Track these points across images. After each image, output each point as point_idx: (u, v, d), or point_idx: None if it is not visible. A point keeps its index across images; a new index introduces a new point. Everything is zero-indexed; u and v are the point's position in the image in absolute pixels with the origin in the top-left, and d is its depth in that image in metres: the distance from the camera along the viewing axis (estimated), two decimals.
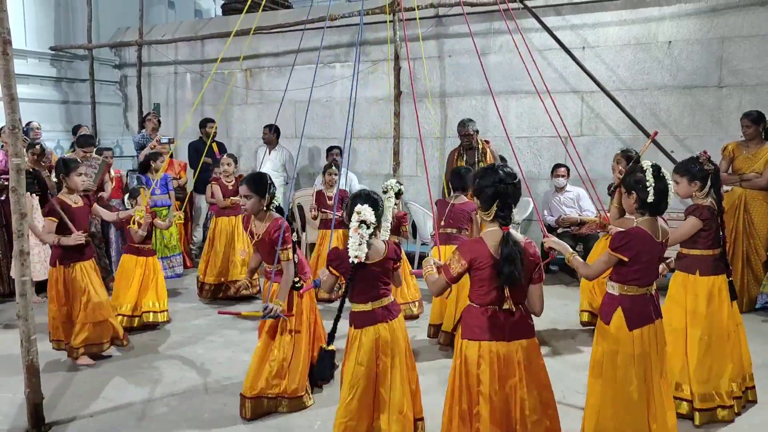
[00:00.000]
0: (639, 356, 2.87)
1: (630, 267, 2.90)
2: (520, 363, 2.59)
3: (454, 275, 2.66)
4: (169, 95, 9.66)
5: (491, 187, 2.60)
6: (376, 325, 2.94)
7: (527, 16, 7.06)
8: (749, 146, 5.59)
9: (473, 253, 2.61)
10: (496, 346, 2.59)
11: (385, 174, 8.08)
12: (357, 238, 2.80)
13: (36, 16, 8.99)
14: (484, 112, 7.59)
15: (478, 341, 2.61)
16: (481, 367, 2.58)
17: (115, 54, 9.99)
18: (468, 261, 2.61)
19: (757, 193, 5.53)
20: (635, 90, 6.87)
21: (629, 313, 2.90)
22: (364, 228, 2.81)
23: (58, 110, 9.29)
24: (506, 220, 2.61)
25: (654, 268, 2.97)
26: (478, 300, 2.66)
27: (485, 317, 2.62)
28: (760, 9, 6.30)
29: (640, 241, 2.88)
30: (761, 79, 6.33)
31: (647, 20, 6.78)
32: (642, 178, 2.93)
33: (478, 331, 2.62)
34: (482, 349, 2.60)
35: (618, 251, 2.89)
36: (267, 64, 8.87)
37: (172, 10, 11.26)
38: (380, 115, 8.17)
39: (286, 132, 8.63)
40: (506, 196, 2.60)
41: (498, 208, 2.60)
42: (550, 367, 2.77)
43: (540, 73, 5.43)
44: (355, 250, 2.80)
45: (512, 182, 2.61)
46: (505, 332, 2.60)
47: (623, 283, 2.93)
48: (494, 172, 2.62)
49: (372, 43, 8.07)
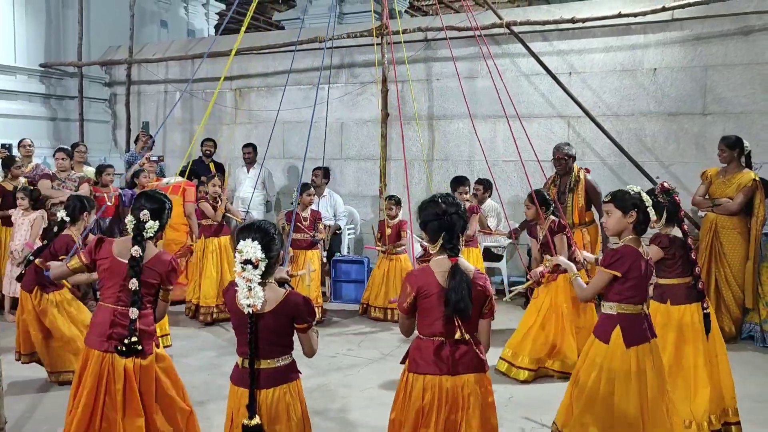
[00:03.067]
0: (635, 374, 2.95)
1: (624, 284, 2.98)
2: (466, 398, 2.52)
3: (405, 306, 2.58)
4: (159, 114, 9.65)
5: (435, 221, 2.57)
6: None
7: (515, 42, 7.13)
8: (726, 172, 5.58)
9: (419, 281, 2.55)
10: (440, 380, 2.52)
11: (372, 196, 8.07)
12: (243, 284, 2.39)
13: (26, 33, 9.00)
14: (471, 135, 7.60)
15: (423, 374, 2.54)
16: (425, 399, 2.52)
17: (105, 72, 10.01)
18: (415, 290, 2.54)
19: (728, 221, 5.46)
20: (621, 116, 6.92)
21: (627, 331, 2.98)
22: (250, 269, 2.39)
23: (46, 127, 9.26)
24: (454, 251, 2.55)
25: (644, 286, 3.05)
26: (424, 331, 2.58)
27: (431, 349, 2.54)
28: (742, 38, 6.38)
29: (630, 257, 2.97)
30: (745, 107, 6.39)
31: (633, 47, 6.85)
32: (640, 199, 3.03)
33: (423, 363, 2.55)
34: (427, 383, 2.53)
35: (611, 267, 2.98)
36: (256, 84, 8.90)
37: (165, 29, 11.31)
38: (368, 137, 8.19)
39: (273, 152, 8.61)
40: (452, 228, 2.56)
41: (444, 240, 2.56)
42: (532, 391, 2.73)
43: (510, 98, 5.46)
44: (245, 297, 2.38)
45: (456, 212, 2.56)
46: (451, 365, 2.52)
47: (619, 302, 3.01)
48: (436, 204, 2.59)
49: (360, 65, 8.11)
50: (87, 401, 2.86)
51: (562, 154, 5.83)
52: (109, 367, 2.88)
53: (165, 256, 3.07)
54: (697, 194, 5.73)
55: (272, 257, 2.47)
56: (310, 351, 2.59)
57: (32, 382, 4.36)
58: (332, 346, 5.34)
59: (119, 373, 2.87)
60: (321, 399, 4.21)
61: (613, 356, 2.99)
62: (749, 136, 6.14)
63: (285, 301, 2.47)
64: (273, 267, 2.51)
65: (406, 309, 2.58)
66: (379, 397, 4.17)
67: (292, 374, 2.55)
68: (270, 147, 8.42)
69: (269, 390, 2.46)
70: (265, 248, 2.42)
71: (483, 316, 2.59)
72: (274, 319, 2.46)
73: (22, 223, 5.89)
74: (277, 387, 2.48)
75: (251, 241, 2.40)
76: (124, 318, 2.90)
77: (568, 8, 7.28)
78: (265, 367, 2.47)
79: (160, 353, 3.04)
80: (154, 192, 3.14)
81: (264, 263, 2.41)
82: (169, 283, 3.04)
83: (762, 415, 3.97)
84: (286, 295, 2.48)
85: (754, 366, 4.89)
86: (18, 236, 5.87)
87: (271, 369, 2.48)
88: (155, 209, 3.00)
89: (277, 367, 2.49)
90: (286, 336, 2.53)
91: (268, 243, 2.44)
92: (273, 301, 2.45)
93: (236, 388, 2.51)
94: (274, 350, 2.49)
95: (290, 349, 2.56)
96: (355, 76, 8.19)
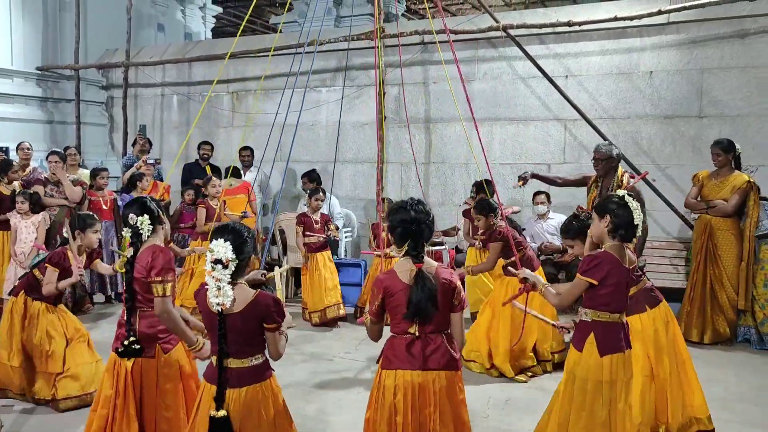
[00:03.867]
0: (607, 383, 2.88)
1: (599, 291, 2.89)
2: (436, 393, 2.58)
3: (374, 309, 2.66)
4: (156, 117, 9.65)
5: (401, 227, 2.63)
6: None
7: (511, 45, 7.14)
8: (718, 174, 5.60)
9: (385, 282, 2.63)
10: (411, 375, 2.58)
11: (369, 199, 8.07)
12: (212, 283, 2.44)
13: (23, 36, 8.99)
14: (468, 138, 7.61)
15: (395, 370, 2.61)
16: (397, 396, 2.57)
17: (102, 75, 10.00)
18: (382, 292, 2.62)
19: (723, 222, 5.49)
20: (617, 119, 6.93)
21: (601, 338, 2.90)
22: (220, 268, 2.43)
23: (43, 130, 9.25)
24: (418, 258, 2.61)
25: (623, 295, 2.96)
26: (395, 329, 2.67)
27: (403, 346, 2.61)
28: (738, 41, 6.40)
29: (608, 264, 2.87)
30: (740, 110, 6.40)
31: (629, 50, 6.87)
32: (618, 204, 2.93)
33: (395, 360, 2.62)
34: (398, 378, 2.59)
35: (586, 275, 2.89)
36: (253, 87, 8.90)
37: (162, 33, 11.31)
38: (365, 140, 8.19)
39: (270, 155, 8.61)
40: (418, 236, 2.61)
41: (410, 247, 2.62)
42: (518, 397, 2.73)
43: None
44: (214, 296, 2.43)
45: (425, 222, 2.63)
46: (421, 361, 2.58)
47: (595, 309, 2.93)
48: (405, 210, 2.63)
49: (357, 68, 8.12)
50: (105, 401, 2.93)
51: (599, 154, 5.27)
52: (118, 368, 2.93)
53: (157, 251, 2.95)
54: (689, 196, 5.75)
55: (243, 259, 2.51)
56: (276, 352, 2.60)
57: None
58: (329, 349, 5.34)
59: (122, 375, 2.90)
60: (317, 401, 4.20)
61: (586, 364, 2.91)
62: (745, 139, 6.17)
63: (254, 301, 2.49)
64: (244, 268, 2.56)
65: (375, 312, 2.65)
66: None
67: (264, 373, 2.57)
68: (267, 150, 8.48)
69: (241, 389, 2.49)
70: (236, 249, 2.46)
71: (454, 309, 2.64)
72: (243, 320, 2.49)
73: (25, 227, 5.89)
74: (249, 386, 2.50)
75: (223, 242, 2.45)
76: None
77: (564, 11, 7.30)
78: (235, 366, 2.50)
79: (167, 359, 2.98)
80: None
81: (234, 263, 2.45)
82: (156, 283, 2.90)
83: (756, 416, 3.98)
84: (255, 295, 2.51)
85: (752, 368, 4.90)
86: (21, 240, 5.87)
87: (242, 368, 2.51)
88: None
89: (248, 366, 2.52)
90: (257, 336, 2.55)
91: (240, 245, 2.49)
92: (242, 301, 2.48)
93: (208, 385, 2.54)
94: (244, 350, 2.52)
95: (262, 349, 2.58)
96: (351, 79, 8.19)
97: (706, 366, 4.78)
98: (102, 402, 2.95)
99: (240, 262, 2.49)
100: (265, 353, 2.60)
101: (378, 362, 2.73)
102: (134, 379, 2.90)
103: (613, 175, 5.18)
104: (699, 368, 4.60)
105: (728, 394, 4.33)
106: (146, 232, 2.97)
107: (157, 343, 2.96)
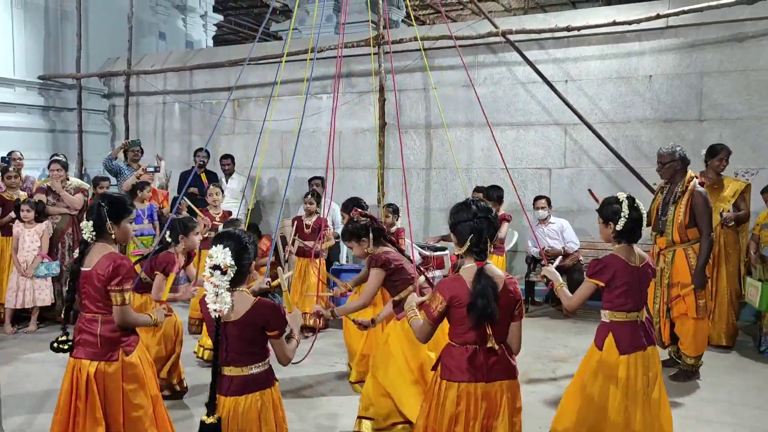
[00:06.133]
0: (624, 380, 2.98)
1: (611, 292, 3.04)
2: (499, 404, 2.53)
3: (435, 315, 2.55)
4: (157, 125, 9.69)
5: (465, 223, 2.56)
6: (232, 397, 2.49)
7: (511, 50, 7.16)
8: (710, 178, 5.43)
9: (452, 290, 2.52)
10: (475, 387, 2.52)
11: (370, 205, 8.06)
12: (211, 288, 2.39)
13: (25, 46, 9.05)
14: (468, 143, 7.64)
15: (458, 382, 2.53)
16: (460, 407, 2.51)
17: (103, 83, 10.05)
18: (447, 299, 2.52)
19: None
20: (617, 123, 6.94)
21: (620, 338, 3.02)
22: (218, 275, 2.39)
23: (45, 139, 9.30)
24: (480, 255, 2.53)
25: (637, 293, 3.07)
26: (457, 339, 2.57)
27: (465, 357, 2.52)
28: (737, 45, 6.41)
29: (613, 267, 3.02)
30: (740, 113, 6.41)
31: (628, 54, 6.89)
32: (618, 209, 3.06)
33: (458, 371, 2.53)
34: (461, 390, 2.52)
35: (594, 278, 3.06)
36: (254, 94, 8.93)
37: (163, 41, 11.37)
38: (365, 146, 8.21)
39: (272, 162, 8.66)
40: (480, 232, 2.53)
41: (472, 243, 2.53)
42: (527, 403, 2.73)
43: None
44: (212, 302, 2.38)
45: (486, 217, 2.55)
46: (485, 372, 2.52)
47: (611, 310, 3.07)
48: (467, 207, 2.59)
49: (357, 74, 8.15)
50: (63, 406, 2.89)
51: (661, 157, 4.76)
52: (77, 373, 2.87)
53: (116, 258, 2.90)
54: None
55: (243, 266, 2.48)
56: (284, 358, 2.57)
57: (30, 395, 4.34)
58: (331, 355, 5.33)
59: (82, 379, 2.85)
60: (319, 407, 4.20)
61: (606, 363, 3.03)
62: (745, 142, 6.19)
63: (253, 309, 2.46)
64: (244, 276, 2.51)
65: (435, 317, 2.55)
66: None
67: (265, 381, 2.53)
68: (268, 157, 8.51)
69: (240, 397, 2.46)
70: (236, 256, 2.42)
71: (514, 318, 2.60)
72: (243, 327, 2.46)
73: (28, 236, 5.91)
74: (249, 394, 2.47)
75: (222, 248, 2.41)
76: (90, 324, 2.89)
77: (563, 16, 7.33)
78: (235, 374, 2.48)
79: (129, 361, 2.93)
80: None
81: (233, 270, 2.41)
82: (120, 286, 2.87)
83: (761, 421, 3.96)
84: (254, 303, 2.47)
85: (757, 372, 4.88)
86: (24, 249, 5.89)
87: (242, 376, 2.48)
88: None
89: (248, 374, 2.49)
90: (258, 344, 2.51)
91: (240, 251, 2.45)
92: (242, 309, 2.46)
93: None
94: (244, 358, 2.49)
95: (264, 357, 2.54)
96: (352, 85, 8.22)
97: (712, 370, 4.79)
98: (62, 408, 2.89)
99: (240, 269, 2.45)
100: (268, 361, 2.55)
101: (434, 369, 2.65)
102: (97, 384, 2.86)
103: (680, 179, 4.68)
104: (704, 372, 4.65)
105: (733, 397, 4.32)
106: (89, 236, 2.91)
107: (120, 347, 2.92)
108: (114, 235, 2.96)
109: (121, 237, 3.01)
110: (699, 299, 4.49)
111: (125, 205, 3.03)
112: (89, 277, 2.87)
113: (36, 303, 5.91)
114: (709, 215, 4.58)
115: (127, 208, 3.02)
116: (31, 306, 5.92)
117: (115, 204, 2.97)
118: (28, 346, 5.41)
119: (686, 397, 4.33)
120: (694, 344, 4.55)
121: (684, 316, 4.54)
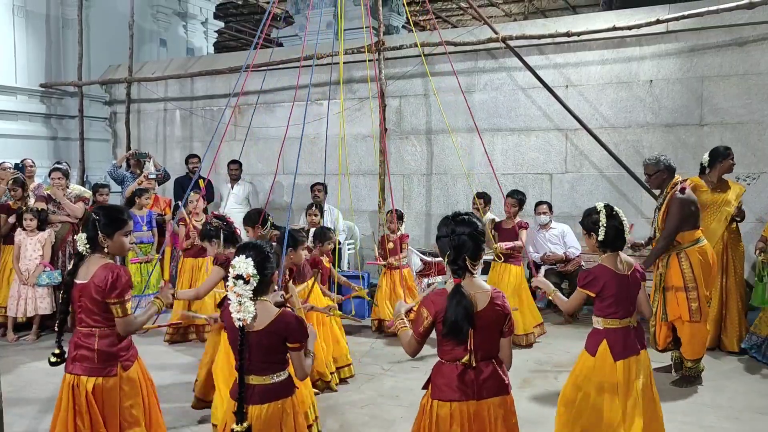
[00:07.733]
0: (622, 385, 3.02)
1: (602, 302, 3.11)
2: (492, 422, 2.47)
3: (422, 331, 2.49)
4: (159, 132, 9.71)
5: (444, 239, 2.50)
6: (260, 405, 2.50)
7: (511, 56, 7.17)
8: (711, 181, 5.40)
9: (437, 305, 2.45)
10: (466, 406, 2.45)
11: (371, 211, 8.08)
12: (234, 298, 2.43)
13: (27, 54, 9.08)
14: (469, 149, 7.64)
15: (449, 402, 2.46)
16: (453, 427, 2.45)
17: (105, 91, 10.07)
18: (433, 314, 2.45)
19: (734, 231, 5.47)
20: (618, 128, 6.94)
21: (613, 344, 3.06)
22: (241, 284, 2.42)
23: (47, 146, 9.32)
24: (457, 273, 2.46)
25: (626, 301, 3.12)
26: (446, 356, 2.50)
27: (455, 375, 2.46)
28: (738, 49, 6.41)
29: (602, 278, 3.08)
30: (741, 118, 6.41)
31: (629, 59, 6.89)
32: (597, 219, 3.11)
33: (448, 390, 2.47)
34: (453, 410, 2.46)
35: (585, 288, 3.12)
36: (255, 100, 8.93)
37: (164, 48, 11.40)
38: (366, 152, 8.22)
39: (274, 168, 8.65)
40: (458, 249, 2.44)
41: (450, 260, 2.46)
42: (528, 410, 2.72)
43: None
44: (236, 311, 2.42)
45: (466, 233, 2.44)
46: (476, 390, 2.45)
47: (604, 317, 3.11)
48: (447, 222, 2.52)
49: (358, 81, 8.16)
50: (61, 424, 2.83)
51: (646, 168, 4.82)
52: (75, 389, 2.82)
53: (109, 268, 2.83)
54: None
55: (266, 275, 2.51)
56: (301, 372, 2.58)
57: (33, 403, 4.33)
58: None
59: (81, 396, 2.80)
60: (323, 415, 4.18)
61: (600, 369, 3.07)
62: (746, 146, 6.18)
63: (277, 320, 2.49)
64: (267, 285, 2.54)
65: (421, 333, 2.49)
66: (381, 414, 4.17)
67: (286, 390, 2.56)
68: (269, 163, 8.52)
69: (263, 406, 2.48)
70: (258, 266, 2.46)
71: (503, 335, 2.52)
72: (265, 337, 2.48)
73: (30, 244, 5.91)
74: (270, 403, 2.49)
75: (244, 258, 2.45)
76: (87, 339, 2.83)
77: (563, 22, 7.34)
78: (258, 383, 2.50)
79: (128, 376, 2.88)
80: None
81: (255, 279, 2.44)
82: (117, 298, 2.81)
83: (763, 427, 3.95)
84: (278, 314, 2.50)
85: (760, 377, 4.86)
86: (26, 257, 5.89)
87: (264, 385, 2.50)
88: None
89: (270, 383, 2.51)
90: (279, 354, 2.53)
91: (262, 261, 2.49)
92: (266, 319, 2.48)
93: (231, 402, 2.52)
94: (266, 367, 2.51)
95: (284, 366, 2.56)
96: (353, 91, 8.24)
97: (714, 375, 4.78)
98: (59, 425, 2.84)
99: (263, 278, 2.48)
100: (288, 370, 2.57)
101: (425, 388, 2.59)
102: (96, 399, 2.81)
103: (663, 188, 4.73)
104: (705, 377, 4.63)
105: (735, 403, 4.30)
106: (83, 248, 2.86)
107: (119, 361, 2.87)
108: (107, 249, 2.90)
109: (114, 250, 2.94)
110: (691, 303, 4.47)
111: (119, 217, 2.94)
112: (86, 289, 2.81)
113: (37, 311, 5.91)
114: (679, 219, 4.51)
115: (121, 221, 2.93)
116: (33, 315, 5.92)
117: (108, 216, 2.91)
118: (30, 355, 5.41)
119: (687, 403, 4.31)
120: (691, 347, 4.55)
121: (679, 320, 4.56)
